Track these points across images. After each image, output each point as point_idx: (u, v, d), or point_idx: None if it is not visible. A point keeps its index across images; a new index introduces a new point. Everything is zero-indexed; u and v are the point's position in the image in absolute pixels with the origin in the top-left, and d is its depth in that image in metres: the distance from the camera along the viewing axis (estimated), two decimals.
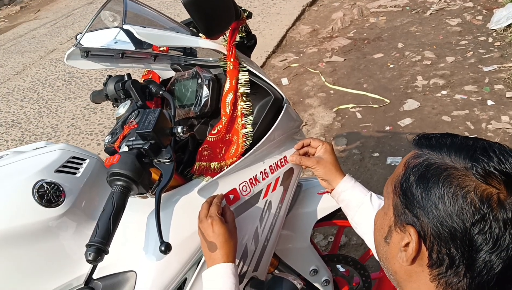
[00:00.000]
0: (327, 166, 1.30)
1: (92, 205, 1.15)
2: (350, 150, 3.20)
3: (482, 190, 0.69)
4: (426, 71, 3.96)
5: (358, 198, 1.26)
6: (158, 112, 1.06)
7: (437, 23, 4.81)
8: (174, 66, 1.48)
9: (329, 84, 4.08)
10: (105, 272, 1.13)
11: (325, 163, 1.31)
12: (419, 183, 0.75)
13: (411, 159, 0.80)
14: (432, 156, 0.77)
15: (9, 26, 8.30)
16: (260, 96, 1.30)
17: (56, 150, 1.14)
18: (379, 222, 0.89)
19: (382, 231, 0.87)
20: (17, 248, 1.03)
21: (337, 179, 1.30)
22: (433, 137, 0.81)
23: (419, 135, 0.85)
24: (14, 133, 4.21)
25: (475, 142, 0.76)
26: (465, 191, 0.69)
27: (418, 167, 0.77)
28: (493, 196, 0.68)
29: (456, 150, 0.74)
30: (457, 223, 0.70)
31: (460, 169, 0.72)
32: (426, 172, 0.75)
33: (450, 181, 0.71)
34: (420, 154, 0.79)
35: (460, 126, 3.17)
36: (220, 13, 1.10)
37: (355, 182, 1.30)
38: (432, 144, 0.79)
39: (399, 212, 0.80)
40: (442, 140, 0.78)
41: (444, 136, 0.80)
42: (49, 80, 5.25)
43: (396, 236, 0.81)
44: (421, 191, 0.75)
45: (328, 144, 1.34)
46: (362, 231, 1.28)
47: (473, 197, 0.69)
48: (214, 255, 1.12)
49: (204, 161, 1.24)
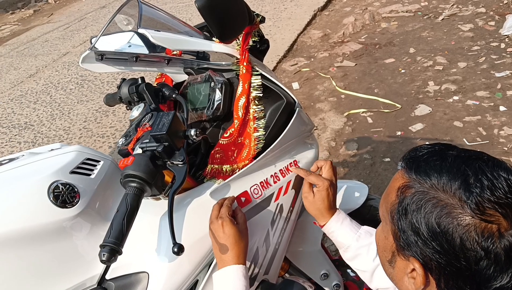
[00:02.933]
0: (315, 204, 1.26)
1: (106, 206, 1.16)
2: (361, 155, 3.19)
3: (482, 228, 0.68)
4: (438, 76, 3.94)
5: (346, 241, 1.23)
6: (172, 115, 1.08)
7: (449, 28, 4.79)
8: (187, 69, 1.49)
9: (340, 88, 4.08)
10: (118, 273, 1.14)
11: (315, 200, 1.26)
12: (417, 222, 0.74)
13: (403, 188, 0.78)
14: (424, 186, 0.74)
15: (22, 29, 8.40)
16: (272, 100, 1.31)
17: (71, 152, 1.15)
18: (381, 244, 0.88)
19: (386, 254, 0.86)
20: (32, 247, 1.04)
21: (325, 218, 1.26)
22: (421, 160, 0.78)
23: (407, 155, 0.82)
24: (27, 135, 4.25)
25: (467, 164, 0.73)
26: (465, 231, 0.68)
27: (412, 202, 0.75)
28: (494, 232, 0.68)
29: (448, 178, 0.72)
30: (462, 263, 0.70)
31: (455, 204, 0.70)
32: (422, 210, 0.73)
33: (449, 221, 0.70)
34: (411, 184, 0.77)
35: (472, 132, 3.16)
36: (234, 18, 1.11)
37: (343, 222, 1.25)
38: (421, 170, 0.76)
39: (400, 242, 0.79)
40: (431, 164, 0.76)
41: (433, 156, 0.78)
42: (61, 83, 5.30)
43: (401, 262, 0.81)
44: (422, 230, 0.73)
45: (328, 182, 1.26)
46: (354, 267, 1.26)
47: (474, 237, 0.68)
48: (225, 256, 1.12)
49: (216, 164, 1.25)
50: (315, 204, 1.26)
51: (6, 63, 6.48)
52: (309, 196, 1.27)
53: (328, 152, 3.26)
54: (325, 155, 3.22)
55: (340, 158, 3.20)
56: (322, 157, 3.15)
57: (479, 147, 2.99)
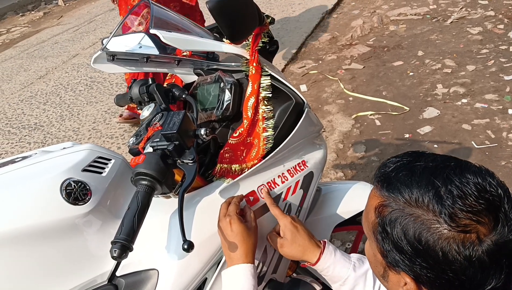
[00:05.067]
0: (294, 243, 1.20)
1: (117, 204, 1.18)
2: (368, 157, 3.19)
3: (461, 239, 0.69)
4: (446, 79, 3.94)
5: (343, 273, 1.16)
6: (183, 114, 1.09)
7: (458, 31, 4.78)
8: (197, 70, 1.51)
9: (348, 91, 4.08)
10: (128, 270, 1.15)
11: (291, 240, 1.20)
12: (399, 241, 0.75)
13: (379, 207, 0.79)
14: (399, 203, 0.76)
15: (32, 31, 8.46)
16: (281, 100, 1.32)
17: (83, 150, 1.17)
18: (372, 260, 0.89)
19: (378, 269, 0.87)
20: (44, 244, 1.06)
21: (314, 254, 1.19)
22: (391, 176, 0.79)
23: (377, 172, 0.84)
24: (37, 135, 4.29)
25: (434, 175, 0.74)
26: (446, 244, 0.70)
27: (390, 221, 0.76)
28: (473, 241, 0.69)
29: (419, 193, 0.73)
30: (450, 274, 0.72)
31: (431, 219, 0.71)
32: (401, 228, 0.74)
33: (428, 236, 0.71)
34: (386, 202, 0.78)
35: (481, 135, 3.15)
36: (244, 19, 1.13)
37: (335, 254, 1.18)
38: (392, 187, 0.78)
39: (388, 260, 0.80)
40: (401, 179, 0.77)
41: (402, 170, 0.79)
42: (71, 84, 5.34)
43: (393, 276, 0.82)
44: (405, 249, 0.74)
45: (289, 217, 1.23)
46: None
47: (455, 248, 0.69)
48: (233, 254, 1.13)
49: (225, 163, 1.26)
50: (294, 245, 1.20)
51: (16, 64, 6.53)
52: (282, 240, 1.22)
53: (336, 154, 3.26)
54: (333, 157, 3.22)
55: (348, 160, 3.20)
56: (329, 159, 3.16)
57: (488, 150, 2.99)
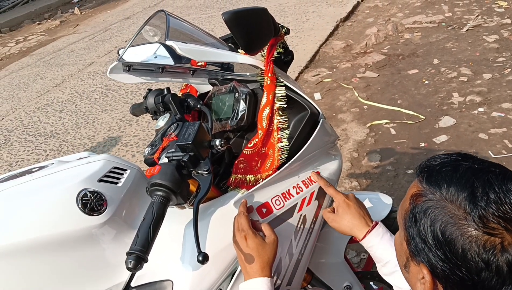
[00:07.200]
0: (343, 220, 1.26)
1: (132, 214, 1.18)
2: (383, 166, 3.17)
3: (484, 241, 0.69)
4: (463, 87, 3.90)
5: (385, 255, 1.20)
6: (198, 125, 1.09)
7: (474, 39, 4.74)
8: (212, 80, 1.51)
9: (362, 99, 4.06)
10: (142, 281, 1.15)
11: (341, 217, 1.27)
12: (424, 230, 0.76)
13: (415, 196, 0.80)
14: (434, 195, 0.76)
15: (49, 39, 8.57)
16: (296, 111, 1.31)
17: (99, 161, 1.18)
18: (398, 249, 0.91)
19: (402, 259, 0.88)
20: (60, 254, 1.06)
21: (361, 231, 1.25)
22: (434, 169, 0.80)
23: (423, 163, 0.84)
24: (53, 143, 4.33)
25: (476, 176, 0.74)
26: (468, 242, 0.70)
27: (421, 210, 0.77)
28: (496, 245, 0.68)
29: (456, 189, 0.74)
30: (464, 273, 0.72)
31: (460, 215, 0.72)
32: (429, 218, 0.75)
33: (452, 231, 0.72)
34: (423, 193, 0.79)
35: (498, 144, 3.11)
36: (259, 30, 1.13)
37: (383, 237, 1.23)
38: (432, 180, 0.78)
39: (411, 248, 0.81)
40: (443, 174, 0.78)
41: (446, 166, 0.79)
42: (86, 92, 5.39)
43: (414, 267, 0.82)
44: (428, 238, 0.75)
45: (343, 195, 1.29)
46: (391, 282, 1.23)
47: (475, 248, 0.69)
48: (249, 268, 1.13)
49: (240, 173, 1.26)
50: (343, 221, 1.26)
51: (33, 72, 6.62)
52: (334, 215, 1.28)
53: (350, 163, 3.24)
54: (347, 166, 3.20)
55: (363, 169, 3.18)
56: (344, 167, 3.14)
57: (505, 159, 2.94)
